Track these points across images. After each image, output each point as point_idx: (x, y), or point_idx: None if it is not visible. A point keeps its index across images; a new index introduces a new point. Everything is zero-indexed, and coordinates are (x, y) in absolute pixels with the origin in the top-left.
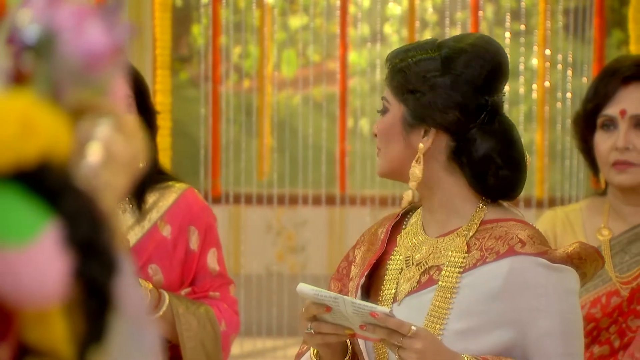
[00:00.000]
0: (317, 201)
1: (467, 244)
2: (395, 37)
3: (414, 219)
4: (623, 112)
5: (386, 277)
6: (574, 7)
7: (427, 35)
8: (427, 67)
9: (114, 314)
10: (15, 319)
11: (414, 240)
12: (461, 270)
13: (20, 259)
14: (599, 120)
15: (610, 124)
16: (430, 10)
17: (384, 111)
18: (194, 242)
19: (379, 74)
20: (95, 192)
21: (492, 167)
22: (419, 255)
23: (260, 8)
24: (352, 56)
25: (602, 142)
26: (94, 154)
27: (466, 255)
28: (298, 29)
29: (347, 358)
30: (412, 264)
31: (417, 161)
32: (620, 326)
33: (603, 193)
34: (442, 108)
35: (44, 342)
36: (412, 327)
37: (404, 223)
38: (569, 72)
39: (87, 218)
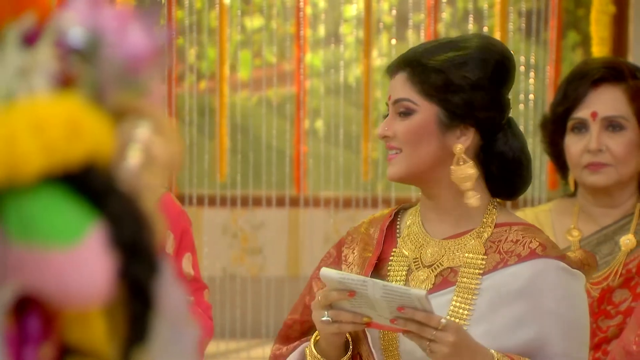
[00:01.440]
0: (275, 203)
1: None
2: (351, 39)
3: (410, 219)
4: (594, 115)
5: (389, 278)
6: (535, 8)
7: (385, 37)
8: (467, 67)
9: (156, 315)
10: (58, 319)
11: (419, 241)
12: (481, 272)
13: (66, 260)
14: (570, 123)
15: (581, 127)
16: (392, 11)
17: (406, 113)
18: (169, 246)
19: (342, 75)
20: (137, 193)
21: (520, 167)
22: (429, 256)
23: (219, 8)
24: (309, 57)
25: (573, 144)
26: (134, 156)
27: (485, 257)
28: (255, 30)
29: (348, 354)
30: (422, 265)
31: (457, 162)
32: (591, 327)
33: (572, 195)
34: (484, 106)
35: (86, 342)
36: (442, 320)
37: (397, 223)
38: (531, 74)
39: (131, 219)
